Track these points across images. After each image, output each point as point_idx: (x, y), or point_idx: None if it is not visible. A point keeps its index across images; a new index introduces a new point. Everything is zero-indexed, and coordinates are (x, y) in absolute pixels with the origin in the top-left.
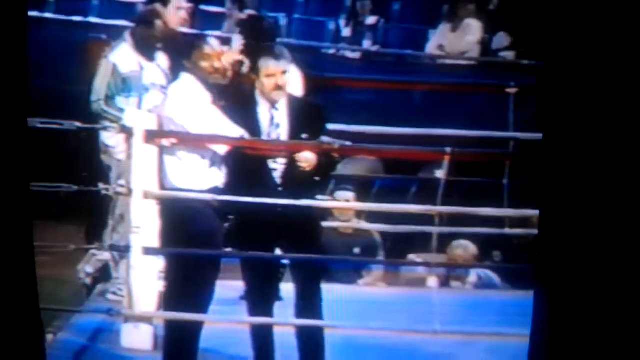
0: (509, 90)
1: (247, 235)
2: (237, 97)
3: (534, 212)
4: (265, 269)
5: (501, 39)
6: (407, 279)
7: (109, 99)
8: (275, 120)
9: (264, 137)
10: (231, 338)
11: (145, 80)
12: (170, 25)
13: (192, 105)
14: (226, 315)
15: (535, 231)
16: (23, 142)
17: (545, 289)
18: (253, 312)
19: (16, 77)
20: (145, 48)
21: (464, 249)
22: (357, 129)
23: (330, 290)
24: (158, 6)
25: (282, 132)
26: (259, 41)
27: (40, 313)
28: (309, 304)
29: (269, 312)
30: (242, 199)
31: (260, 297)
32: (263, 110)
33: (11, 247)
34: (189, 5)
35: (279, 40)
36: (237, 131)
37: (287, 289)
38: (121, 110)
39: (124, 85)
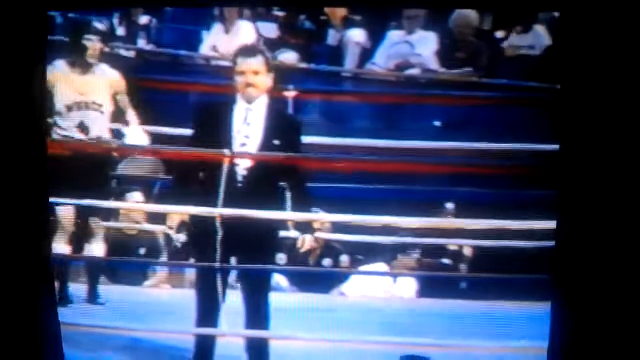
0: (525, 101)
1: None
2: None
3: (551, 224)
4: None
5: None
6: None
7: None
8: (247, 120)
9: (234, 133)
10: None
11: None
12: None
13: None
14: None
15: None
16: (42, 156)
17: (564, 300)
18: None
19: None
20: None
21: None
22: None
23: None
24: None
25: (253, 132)
26: None
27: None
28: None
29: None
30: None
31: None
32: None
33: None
34: None
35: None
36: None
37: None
38: None
39: None
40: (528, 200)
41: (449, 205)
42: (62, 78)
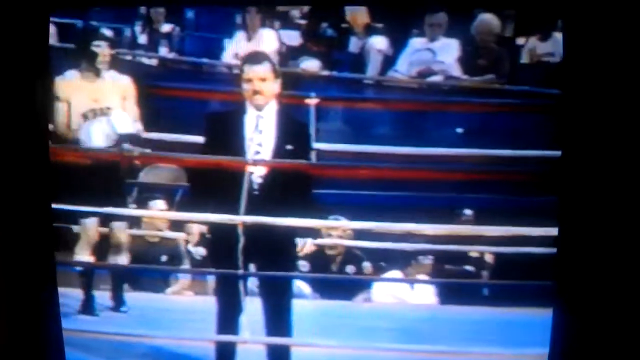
0: (530, 108)
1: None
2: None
3: (553, 230)
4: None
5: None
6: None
7: None
8: (258, 127)
9: (247, 141)
10: None
11: None
12: None
13: None
14: None
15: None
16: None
17: (565, 307)
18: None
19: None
20: None
21: None
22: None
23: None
24: None
25: (265, 139)
26: None
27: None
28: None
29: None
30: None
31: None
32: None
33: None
34: None
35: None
36: None
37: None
38: None
39: None
40: (529, 206)
41: (467, 212)
42: (74, 87)
